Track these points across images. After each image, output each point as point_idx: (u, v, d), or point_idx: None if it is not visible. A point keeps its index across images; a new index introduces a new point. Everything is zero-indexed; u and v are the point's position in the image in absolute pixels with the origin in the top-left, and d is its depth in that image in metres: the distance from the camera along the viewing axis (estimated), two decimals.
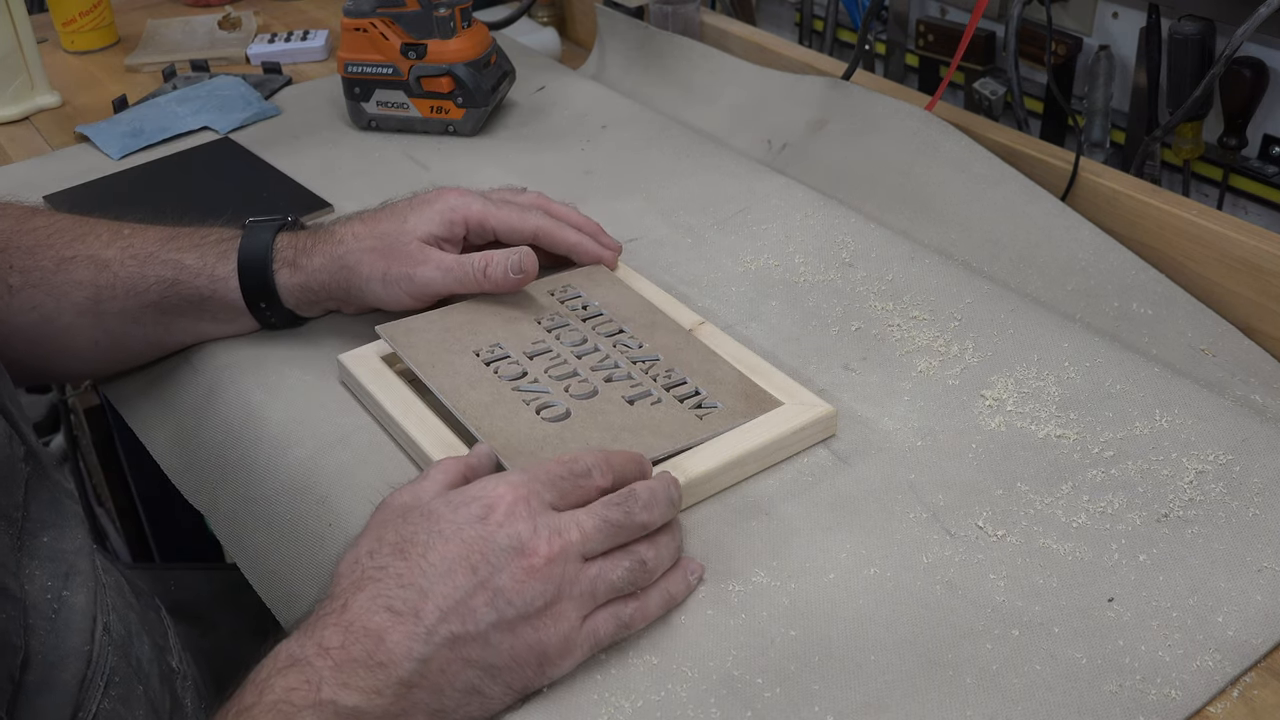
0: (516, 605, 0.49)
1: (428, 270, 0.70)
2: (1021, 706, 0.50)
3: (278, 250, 0.71)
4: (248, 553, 0.65)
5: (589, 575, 0.51)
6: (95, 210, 0.76)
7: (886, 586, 0.56)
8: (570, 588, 0.50)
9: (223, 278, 0.71)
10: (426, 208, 0.72)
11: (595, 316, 0.72)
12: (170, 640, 0.66)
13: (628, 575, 0.52)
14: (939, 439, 0.65)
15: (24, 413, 0.60)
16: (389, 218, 0.72)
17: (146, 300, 0.71)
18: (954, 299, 0.76)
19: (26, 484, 0.56)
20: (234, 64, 1.24)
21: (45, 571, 0.54)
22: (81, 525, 0.58)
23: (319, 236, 0.72)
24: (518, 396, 0.64)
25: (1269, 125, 0.93)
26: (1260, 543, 0.57)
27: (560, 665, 0.50)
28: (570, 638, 0.50)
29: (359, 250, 0.70)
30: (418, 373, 0.66)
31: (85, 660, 0.54)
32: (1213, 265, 0.77)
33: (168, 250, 0.71)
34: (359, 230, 0.71)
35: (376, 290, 0.70)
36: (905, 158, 0.92)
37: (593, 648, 0.51)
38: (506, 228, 0.73)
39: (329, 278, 0.71)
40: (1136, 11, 0.99)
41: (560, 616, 0.50)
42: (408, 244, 0.70)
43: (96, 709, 0.54)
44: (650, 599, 0.53)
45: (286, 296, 0.72)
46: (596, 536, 0.51)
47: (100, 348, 0.72)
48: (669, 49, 1.14)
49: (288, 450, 0.66)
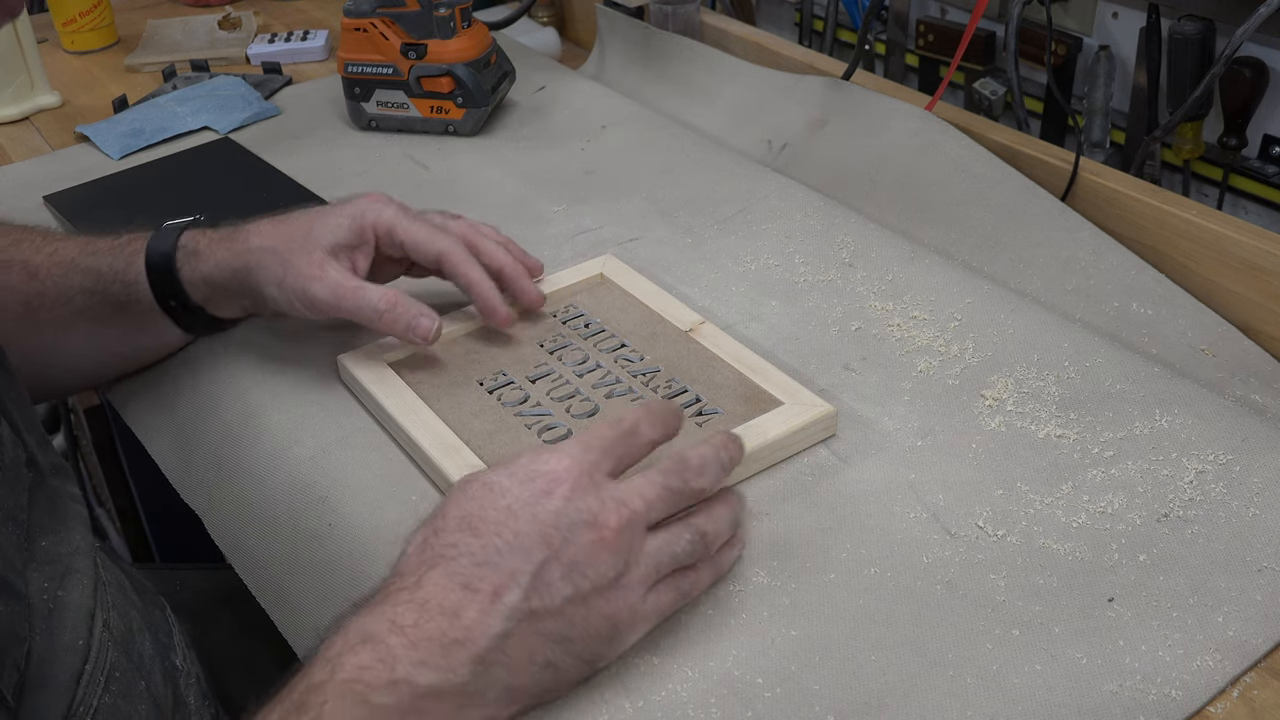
0: (590, 577, 0.49)
1: (320, 288, 0.66)
2: (1021, 706, 0.50)
3: (182, 245, 0.70)
4: (244, 553, 0.65)
5: (654, 547, 0.52)
6: (95, 210, 0.76)
7: (886, 586, 0.56)
8: (637, 559, 0.51)
9: (134, 281, 0.70)
10: (337, 213, 0.69)
11: (597, 333, 0.72)
12: (175, 638, 0.66)
13: (689, 548, 0.53)
14: (939, 439, 0.65)
15: (34, 420, 0.60)
16: (298, 221, 0.69)
17: (74, 308, 0.70)
18: (954, 299, 0.76)
19: (30, 489, 0.56)
20: (234, 64, 1.24)
21: (42, 574, 0.54)
22: (83, 525, 0.58)
23: (229, 233, 0.70)
24: (519, 422, 0.65)
25: (1269, 125, 0.93)
26: (1260, 543, 0.57)
27: (629, 637, 0.51)
28: (637, 609, 0.51)
29: (260, 249, 0.67)
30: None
31: (82, 656, 0.54)
32: (1213, 265, 0.77)
33: (84, 256, 0.70)
34: (265, 229, 0.68)
35: (273, 294, 0.68)
36: (905, 158, 0.92)
37: (658, 618, 0.52)
38: (413, 243, 0.69)
39: (231, 274, 0.69)
40: (1136, 11, 0.99)
41: (629, 588, 0.50)
42: (310, 252, 0.67)
43: (97, 704, 0.54)
44: (703, 570, 0.54)
45: (193, 291, 0.70)
46: (659, 504, 0.52)
47: (39, 360, 0.71)
48: (669, 49, 1.14)
49: (288, 450, 0.66)
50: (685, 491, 0.53)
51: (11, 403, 0.58)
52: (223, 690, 0.70)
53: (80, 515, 0.58)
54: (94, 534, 0.60)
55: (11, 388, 0.59)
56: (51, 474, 0.59)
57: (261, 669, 0.76)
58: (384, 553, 0.59)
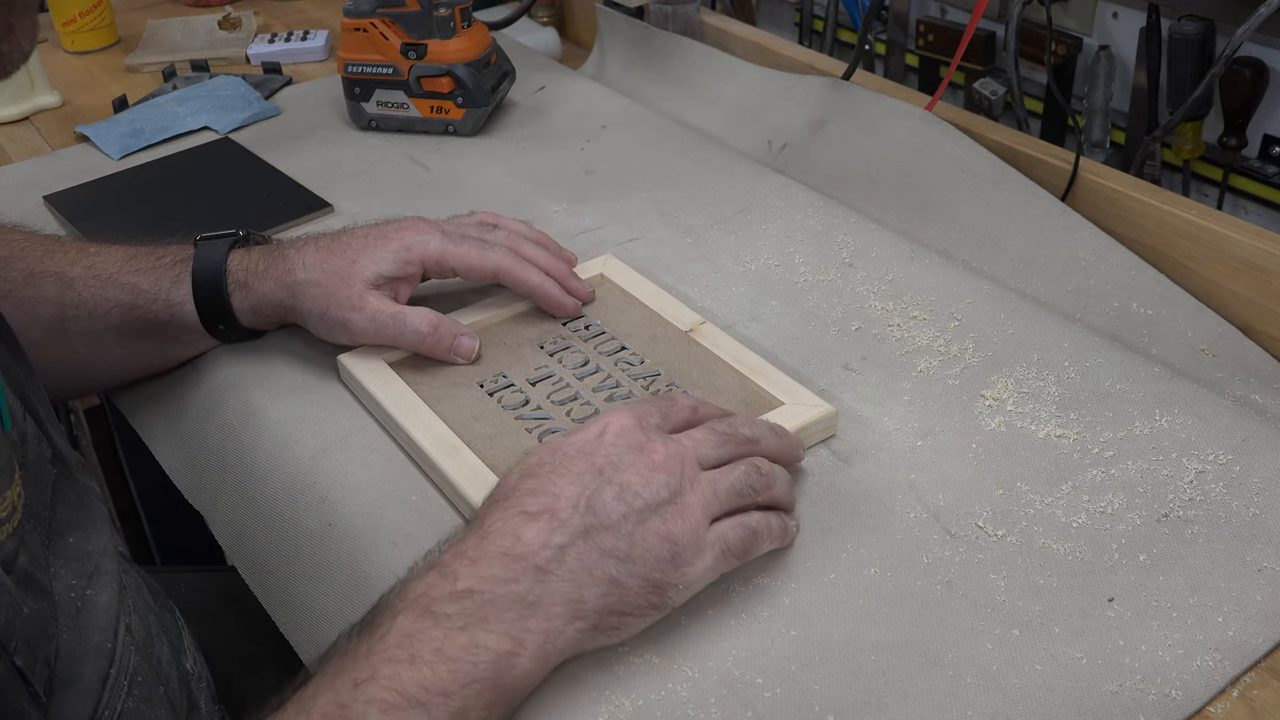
0: (644, 496, 0.51)
1: (361, 319, 0.68)
2: (1021, 706, 0.50)
3: (230, 273, 0.71)
4: (246, 553, 0.65)
5: (710, 477, 0.54)
6: (96, 210, 0.76)
7: (886, 586, 0.56)
8: (691, 484, 0.53)
9: (178, 303, 0.71)
10: (382, 245, 0.70)
11: (597, 336, 0.72)
12: (185, 641, 0.66)
13: (745, 477, 0.55)
14: (939, 439, 0.65)
15: (52, 415, 0.60)
16: (342, 252, 0.70)
17: (109, 323, 0.71)
18: (954, 299, 0.76)
19: (54, 485, 0.56)
20: (234, 64, 1.24)
21: (70, 571, 0.55)
22: (107, 526, 0.58)
23: (272, 259, 0.71)
24: (520, 425, 0.65)
25: (1269, 125, 0.93)
26: (1260, 543, 0.57)
27: (693, 564, 0.52)
28: (699, 534, 0.52)
29: (305, 282, 0.69)
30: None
31: (108, 659, 0.54)
32: (1213, 265, 0.77)
33: (125, 273, 0.71)
34: (310, 260, 0.70)
35: (316, 326, 0.70)
36: (905, 158, 0.92)
37: (724, 553, 0.53)
38: (465, 266, 0.71)
39: (278, 303, 0.70)
40: (1136, 11, 0.99)
41: (686, 511, 0.52)
42: (352, 285, 0.68)
43: (121, 708, 0.54)
44: (772, 516, 0.56)
45: (242, 317, 0.71)
46: (707, 442, 0.55)
47: (66, 367, 0.72)
48: (669, 49, 1.14)
49: (288, 450, 0.66)
50: (733, 435, 0.56)
51: (35, 398, 0.59)
52: (229, 695, 0.70)
53: (103, 514, 0.59)
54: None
55: (33, 382, 0.60)
56: (78, 469, 0.60)
57: (267, 673, 0.76)
58: (384, 553, 0.59)
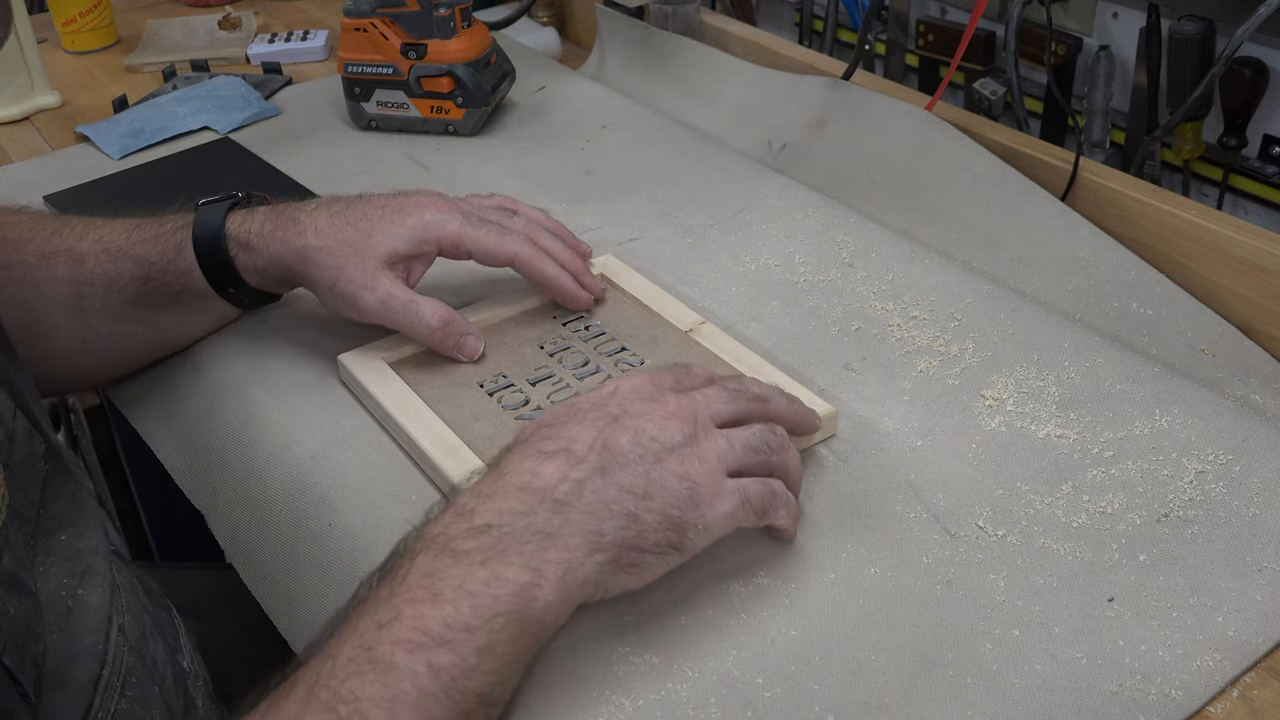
0: (660, 440, 0.52)
1: (371, 299, 0.67)
2: (1021, 706, 0.50)
3: (231, 235, 0.69)
4: (245, 552, 0.65)
5: (723, 431, 0.55)
6: (96, 210, 0.76)
7: (886, 586, 0.56)
8: (706, 434, 0.54)
9: (187, 270, 0.70)
10: (398, 221, 0.68)
11: (597, 336, 0.72)
12: (181, 640, 0.66)
13: (759, 435, 0.55)
14: (939, 439, 0.65)
15: (44, 411, 0.60)
16: (356, 222, 0.68)
17: (126, 297, 0.70)
18: (954, 299, 0.76)
19: (44, 481, 0.56)
20: (234, 64, 1.24)
21: (61, 569, 0.54)
22: (100, 525, 0.58)
23: (280, 220, 0.69)
24: (520, 426, 0.65)
25: (1269, 125, 0.93)
26: (1260, 543, 0.57)
27: (713, 505, 0.52)
28: (718, 478, 0.53)
29: (316, 249, 0.67)
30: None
31: (99, 661, 0.54)
32: (1213, 265, 0.77)
33: (132, 244, 0.71)
34: (322, 225, 0.68)
35: (324, 295, 0.69)
36: (905, 158, 0.92)
37: (744, 502, 0.53)
38: (482, 251, 0.70)
39: (286, 266, 0.69)
40: (1136, 11, 0.99)
41: (704, 455, 0.53)
42: (365, 261, 0.67)
43: (114, 709, 0.54)
44: (790, 471, 0.57)
45: (249, 278, 0.70)
46: (718, 398, 0.56)
47: (90, 349, 0.72)
48: (669, 49, 1.14)
49: (288, 450, 0.66)
50: (745, 393, 0.57)
51: (28, 394, 0.58)
52: (227, 693, 0.70)
53: (96, 513, 0.58)
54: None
55: (23, 378, 0.59)
56: (72, 466, 0.59)
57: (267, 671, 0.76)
58: (384, 553, 0.58)
